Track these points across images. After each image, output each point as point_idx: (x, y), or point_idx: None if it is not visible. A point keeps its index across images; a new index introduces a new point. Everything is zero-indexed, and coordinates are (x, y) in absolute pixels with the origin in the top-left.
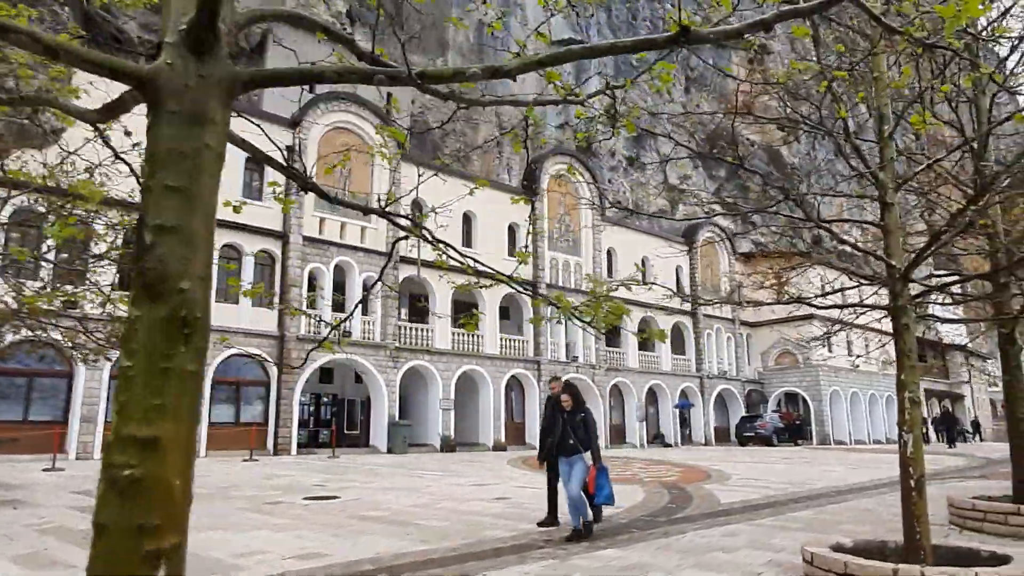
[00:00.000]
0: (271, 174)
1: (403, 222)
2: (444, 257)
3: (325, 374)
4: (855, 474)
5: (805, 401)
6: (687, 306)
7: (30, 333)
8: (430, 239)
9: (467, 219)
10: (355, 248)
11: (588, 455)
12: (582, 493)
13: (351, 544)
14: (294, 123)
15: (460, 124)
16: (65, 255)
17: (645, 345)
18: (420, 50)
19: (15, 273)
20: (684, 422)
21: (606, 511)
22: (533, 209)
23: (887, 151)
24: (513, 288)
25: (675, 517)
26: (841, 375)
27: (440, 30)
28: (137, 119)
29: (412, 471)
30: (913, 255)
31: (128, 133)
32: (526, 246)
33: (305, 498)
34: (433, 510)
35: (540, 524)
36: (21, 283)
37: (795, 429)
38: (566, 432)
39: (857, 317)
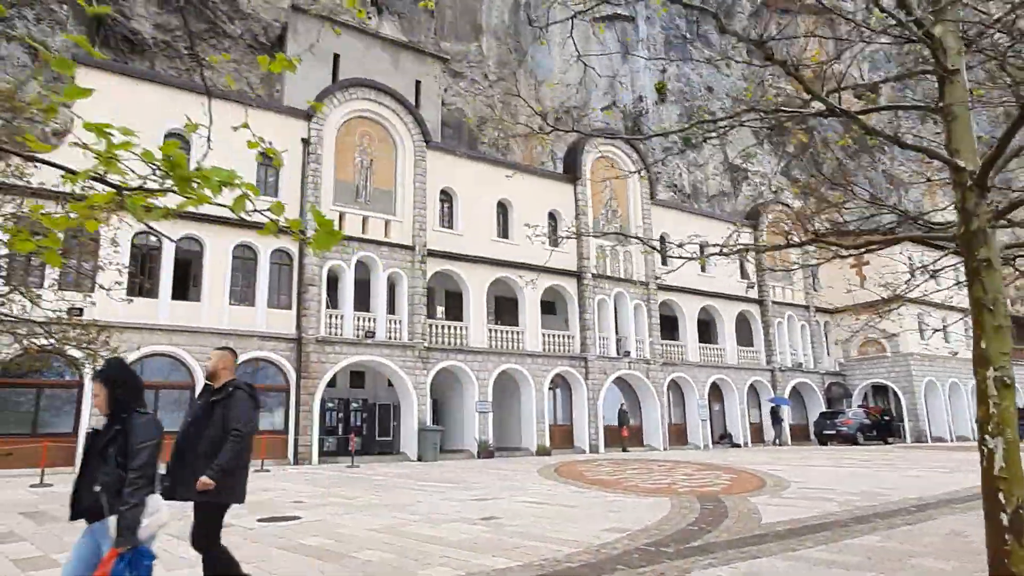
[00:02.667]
0: (287, 168)
1: None
2: None
3: (356, 378)
4: (949, 479)
5: (896, 394)
6: (752, 293)
7: None
8: None
9: (502, 207)
10: (378, 243)
11: (112, 522)
12: None
13: None
14: (309, 115)
15: (498, 111)
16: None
17: (707, 337)
18: (453, 37)
19: None
20: (777, 420)
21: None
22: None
23: None
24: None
25: (688, 546)
26: (937, 363)
27: (472, 14)
28: None
29: (423, 483)
30: (993, 149)
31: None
32: (563, 238)
33: (260, 519)
34: (390, 535)
35: None
36: None
37: (884, 426)
38: (91, 465)
39: (933, 276)
